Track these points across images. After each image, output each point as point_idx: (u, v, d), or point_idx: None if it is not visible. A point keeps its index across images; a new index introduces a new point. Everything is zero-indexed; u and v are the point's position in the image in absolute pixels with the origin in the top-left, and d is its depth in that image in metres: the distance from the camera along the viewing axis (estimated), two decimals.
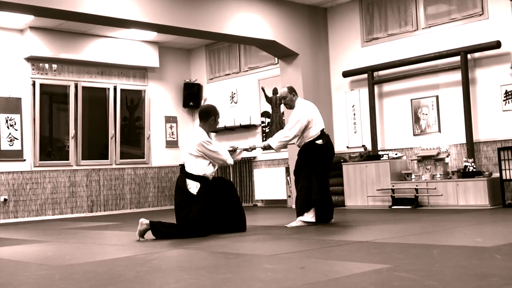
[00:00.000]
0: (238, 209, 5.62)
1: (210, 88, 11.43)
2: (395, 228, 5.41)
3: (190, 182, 5.33)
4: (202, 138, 5.44)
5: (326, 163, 5.98)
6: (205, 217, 5.29)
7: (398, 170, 8.25)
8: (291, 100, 6.06)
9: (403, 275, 2.91)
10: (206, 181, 5.40)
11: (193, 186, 5.32)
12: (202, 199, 5.30)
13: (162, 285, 3.03)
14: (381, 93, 8.89)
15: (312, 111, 5.99)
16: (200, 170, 5.37)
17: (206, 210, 5.31)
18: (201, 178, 5.37)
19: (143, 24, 7.69)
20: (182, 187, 5.37)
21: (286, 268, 3.36)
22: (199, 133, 5.53)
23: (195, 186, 5.31)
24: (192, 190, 5.31)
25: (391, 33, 8.73)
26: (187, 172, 5.39)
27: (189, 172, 5.38)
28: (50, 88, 9.99)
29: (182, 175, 5.44)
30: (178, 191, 5.45)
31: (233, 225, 5.51)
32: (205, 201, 5.31)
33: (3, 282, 3.36)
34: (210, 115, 5.63)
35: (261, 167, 10.20)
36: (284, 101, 6.14)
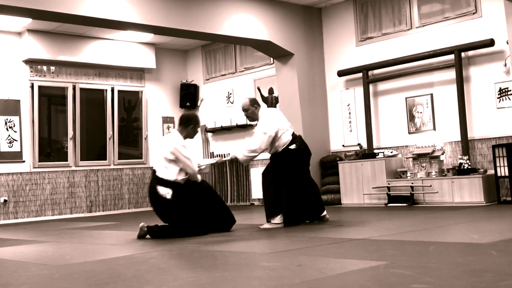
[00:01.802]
0: (223, 207, 5.59)
1: (206, 89, 11.48)
2: (391, 226, 5.47)
3: (161, 189, 5.22)
4: (178, 142, 5.33)
5: (301, 166, 5.89)
6: (194, 216, 5.24)
7: (394, 168, 8.31)
8: (253, 112, 5.88)
9: (399, 271, 2.95)
10: (177, 186, 5.27)
11: (165, 192, 5.22)
12: (178, 202, 5.21)
13: (161, 284, 3.07)
14: (376, 91, 8.95)
15: (278, 119, 5.85)
16: (172, 175, 5.25)
17: (189, 210, 5.23)
18: (172, 184, 5.24)
19: (139, 26, 7.74)
20: (154, 193, 5.26)
21: (283, 265, 3.41)
22: (176, 137, 5.40)
23: (166, 193, 5.21)
24: (166, 196, 5.21)
25: (385, 32, 8.80)
26: (158, 177, 5.27)
27: (160, 177, 5.25)
28: (48, 90, 10.03)
29: (154, 180, 5.30)
30: (152, 197, 5.33)
31: (220, 224, 5.49)
32: (183, 202, 5.22)
33: (4, 282, 3.41)
34: (190, 123, 5.52)
35: (258, 166, 10.25)
36: (246, 113, 5.93)
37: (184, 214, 5.21)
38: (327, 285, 2.75)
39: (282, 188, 5.70)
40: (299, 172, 5.86)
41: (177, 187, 5.25)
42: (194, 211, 5.28)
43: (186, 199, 5.25)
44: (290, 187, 5.72)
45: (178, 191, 5.23)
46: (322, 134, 9.28)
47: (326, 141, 9.36)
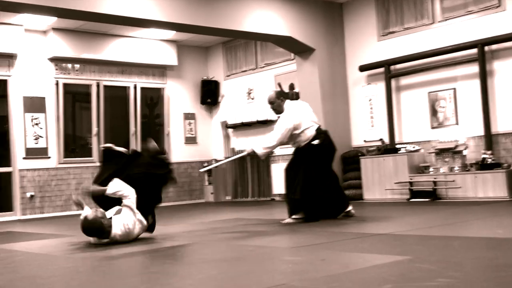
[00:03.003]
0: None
1: (227, 85, 11.52)
2: (414, 221, 5.46)
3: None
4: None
5: (324, 162, 5.86)
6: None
7: (416, 163, 8.27)
8: (279, 105, 5.88)
9: (424, 266, 2.96)
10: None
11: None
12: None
13: (186, 277, 3.12)
14: (398, 86, 8.91)
15: (301, 114, 5.82)
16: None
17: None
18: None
19: (161, 23, 7.80)
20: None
21: (307, 260, 3.43)
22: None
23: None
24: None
25: (407, 26, 8.74)
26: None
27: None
28: (73, 88, 10.18)
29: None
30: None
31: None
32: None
33: (32, 275, 3.49)
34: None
35: (278, 162, 10.27)
36: (271, 106, 5.94)
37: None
38: (351, 279, 2.77)
39: (305, 184, 5.71)
40: (322, 167, 5.86)
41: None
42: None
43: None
44: (312, 183, 5.73)
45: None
46: (344, 130, 9.26)
47: (347, 136, 9.35)
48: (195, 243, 4.60)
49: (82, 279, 3.36)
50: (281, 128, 5.71)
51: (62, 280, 3.29)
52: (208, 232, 5.43)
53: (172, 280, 3.06)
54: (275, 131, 5.77)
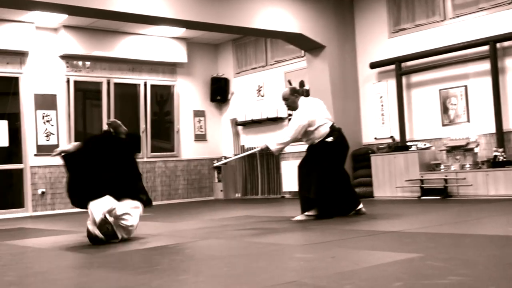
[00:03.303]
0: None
1: (237, 82, 11.53)
2: (425, 218, 5.43)
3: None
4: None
5: (337, 159, 5.86)
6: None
7: (427, 160, 8.23)
8: (293, 101, 5.87)
9: (435, 264, 2.94)
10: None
11: None
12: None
13: (196, 273, 3.13)
14: (409, 83, 8.87)
15: (315, 110, 5.81)
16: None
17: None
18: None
19: (172, 20, 7.81)
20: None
21: (317, 257, 3.43)
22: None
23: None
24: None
25: (418, 23, 8.70)
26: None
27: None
28: (83, 85, 10.23)
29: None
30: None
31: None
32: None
33: (45, 270, 3.51)
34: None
35: (288, 159, 10.26)
36: (286, 102, 5.93)
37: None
38: (362, 276, 2.76)
39: (317, 181, 5.70)
40: (335, 165, 5.85)
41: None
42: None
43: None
44: (325, 180, 5.72)
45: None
46: (354, 127, 9.23)
47: (358, 133, 9.32)
48: (205, 240, 4.61)
49: (93, 275, 3.38)
50: (295, 125, 5.70)
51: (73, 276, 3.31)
52: (218, 229, 5.44)
53: (182, 276, 3.06)
54: (289, 127, 5.78)
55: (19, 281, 3.16)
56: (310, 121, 5.71)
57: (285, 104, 6.02)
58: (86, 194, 4.58)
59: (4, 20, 9.02)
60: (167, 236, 5.07)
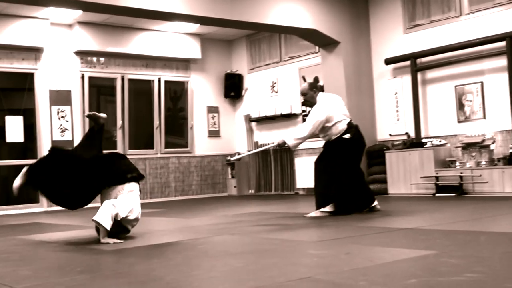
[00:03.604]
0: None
1: (251, 78, 11.51)
2: (440, 215, 5.40)
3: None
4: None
5: (354, 156, 5.84)
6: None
7: (442, 157, 8.17)
8: (312, 96, 5.86)
9: (450, 261, 2.92)
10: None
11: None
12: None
13: (210, 269, 3.13)
14: (424, 80, 8.80)
15: (333, 106, 5.78)
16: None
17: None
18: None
19: (185, 16, 7.82)
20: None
21: (331, 253, 3.41)
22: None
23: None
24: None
25: (434, 19, 8.62)
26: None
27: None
28: (98, 81, 10.28)
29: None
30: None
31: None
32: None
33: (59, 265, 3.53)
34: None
35: (302, 156, 10.24)
36: (304, 97, 5.94)
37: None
38: (377, 273, 2.74)
39: (334, 177, 5.69)
40: (351, 161, 5.83)
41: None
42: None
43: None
44: (342, 176, 5.70)
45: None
46: (369, 123, 9.18)
47: (372, 130, 9.27)
48: (218, 236, 4.61)
49: (108, 270, 3.40)
50: (313, 120, 5.69)
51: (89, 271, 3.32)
52: (232, 225, 5.44)
53: (196, 272, 3.07)
54: (307, 122, 5.77)
55: (34, 275, 3.18)
56: (328, 117, 5.70)
57: (304, 99, 6.04)
58: (72, 201, 4.66)
59: (20, 16, 9.08)
60: (180, 232, 5.09)
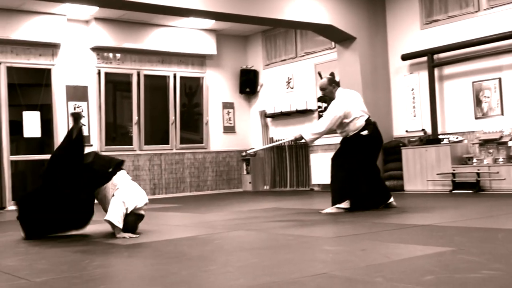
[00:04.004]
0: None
1: (266, 74, 11.50)
2: (457, 212, 5.36)
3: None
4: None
5: (371, 153, 5.82)
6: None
7: (459, 154, 8.10)
8: (331, 92, 5.84)
9: (468, 258, 2.90)
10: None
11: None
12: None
13: (225, 264, 3.14)
14: (441, 76, 8.72)
15: (352, 102, 5.76)
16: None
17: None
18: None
19: (201, 12, 7.82)
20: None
21: (347, 250, 3.40)
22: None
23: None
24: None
25: (451, 15, 8.53)
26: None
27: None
28: (114, 77, 10.33)
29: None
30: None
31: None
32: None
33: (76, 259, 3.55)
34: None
35: (317, 152, 10.21)
36: (323, 93, 5.92)
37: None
38: (393, 269, 2.73)
39: (351, 173, 5.67)
40: (368, 158, 5.81)
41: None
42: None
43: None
44: (359, 173, 5.68)
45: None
46: (385, 120, 9.12)
47: (389, 126, 9.21)
48: (234, 231, 4.62)
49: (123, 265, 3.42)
50: (331, 115, 5.67)
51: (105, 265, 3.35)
52: (247, 220, 5.45)
53: (211, 267, 3.07)
54: (324, 117, 5.74)
55: (51, 269, 3.21)
56: (346, 113, 5.68)
57: (322, 95, 6.03)
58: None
59: (37, 12, 9.16)
60: (196, 227, 5.11)
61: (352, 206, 5.67)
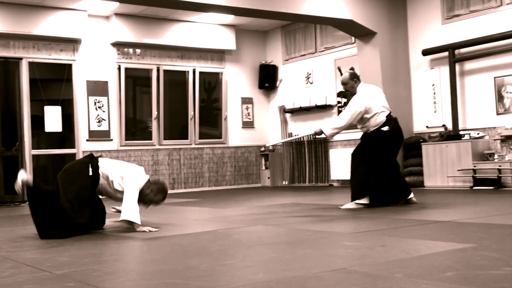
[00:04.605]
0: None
1: (285, 69, 11.47)
2: (477, 209, 5.30)
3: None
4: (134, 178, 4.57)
5: (391, 149, 5.79)
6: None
7: (480, 150, 8.01)
8: (352, 86, 5.79)
9: (489, 254, 2.88)
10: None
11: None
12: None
13: (244, 258, 3.14)
14: (463, 71, 8.62)
15: (373, 97, 5.72)
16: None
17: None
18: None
19: (221, 7, 7.82)
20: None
21: (367, 245, 3.38)
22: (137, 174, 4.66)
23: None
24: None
25: (473, 9, 8.42)
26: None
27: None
28: (134, 72, 10.39)
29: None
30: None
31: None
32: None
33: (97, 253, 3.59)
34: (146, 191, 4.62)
35: (337, 147, 10.18)
36: (345, 87, 5.88)
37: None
38: (413, 265, 2.71)
39: (371, 169, 5.63)
40: (388, 154, 5.77)
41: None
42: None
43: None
44: (379, 168, 5.64)
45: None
46: (405, 115, 9.05)
47: (409, 122, 9.14)
48: (253, 226, 4.63)
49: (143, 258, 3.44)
50: (352, 110, 5.63)
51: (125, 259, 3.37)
52: (266, 215, 5.45)
53: (231, 261, 3.08)
54: (345, 112, 5.70)
55: (73, 261, 3.25)
56: (367, 108, 5.64)
57: (344, 89, 5.98)
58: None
59: (58, 8, 9.24)
60: (215, 222, 5.12)
61: (371, 202, 5.64)
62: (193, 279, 2.64)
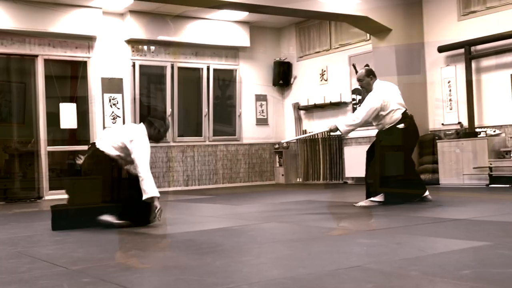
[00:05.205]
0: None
1: (299, 66, 11.44)
2: (493, 207, 5.26)
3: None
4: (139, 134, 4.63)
5: (407, 147, 5.74)
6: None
7: (497, 147, 7.93)
8: (368, 83, 5.75)
9: (506, 252, 2.85)
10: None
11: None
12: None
13: (259, 255, 3.15)
14: (479, 68, 8.54)
15: (389, 94, 5.67)
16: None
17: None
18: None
19: (235, 4, 7.82)
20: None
21: (382, 243, 3.37)
22: (139, 130, 4.72)
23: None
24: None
25: (489, 6, 8.34)
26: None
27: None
28: (148, 69, 10.42)
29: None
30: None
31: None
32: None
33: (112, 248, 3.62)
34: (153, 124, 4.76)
35: (351, 145, 10.13)
36: (360, 84, 5.85)
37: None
38: (428, 263, 2.69)
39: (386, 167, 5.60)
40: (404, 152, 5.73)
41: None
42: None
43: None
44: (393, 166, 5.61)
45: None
46: (421, 113, 8.95)
47: (424, 119, 9.06)
48: (267, 223, 4.63)
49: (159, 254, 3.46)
50: (368, 107, 5.60)
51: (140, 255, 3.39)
52: (280, 212, 5.45)
53: (245, 258, 3.09)
54: (361, 109, 5.67)
55: (88, 257, 3.27)
56: (383, 105, 5.60)
57: (359, 86, 5.95)
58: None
59: (73, 5, 9.29)
60: (229, 218, 5.13)
61: (386, 200, 5.61)
62: (207, 275, 2.64)
